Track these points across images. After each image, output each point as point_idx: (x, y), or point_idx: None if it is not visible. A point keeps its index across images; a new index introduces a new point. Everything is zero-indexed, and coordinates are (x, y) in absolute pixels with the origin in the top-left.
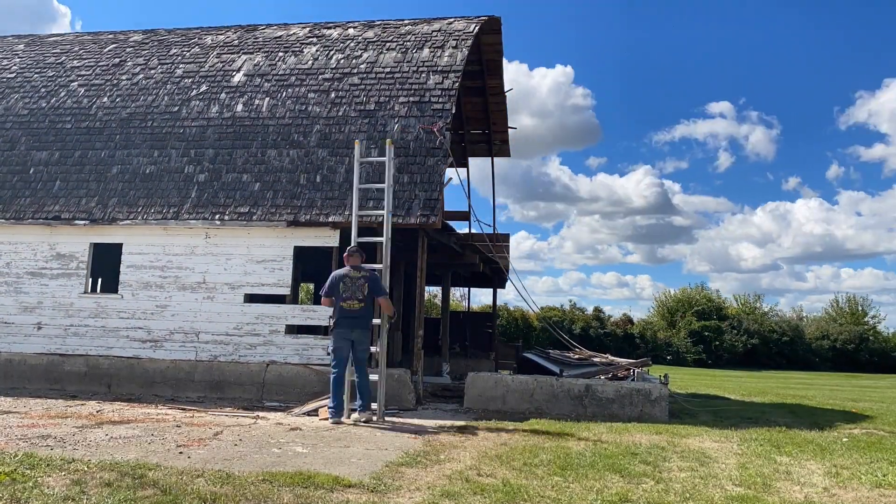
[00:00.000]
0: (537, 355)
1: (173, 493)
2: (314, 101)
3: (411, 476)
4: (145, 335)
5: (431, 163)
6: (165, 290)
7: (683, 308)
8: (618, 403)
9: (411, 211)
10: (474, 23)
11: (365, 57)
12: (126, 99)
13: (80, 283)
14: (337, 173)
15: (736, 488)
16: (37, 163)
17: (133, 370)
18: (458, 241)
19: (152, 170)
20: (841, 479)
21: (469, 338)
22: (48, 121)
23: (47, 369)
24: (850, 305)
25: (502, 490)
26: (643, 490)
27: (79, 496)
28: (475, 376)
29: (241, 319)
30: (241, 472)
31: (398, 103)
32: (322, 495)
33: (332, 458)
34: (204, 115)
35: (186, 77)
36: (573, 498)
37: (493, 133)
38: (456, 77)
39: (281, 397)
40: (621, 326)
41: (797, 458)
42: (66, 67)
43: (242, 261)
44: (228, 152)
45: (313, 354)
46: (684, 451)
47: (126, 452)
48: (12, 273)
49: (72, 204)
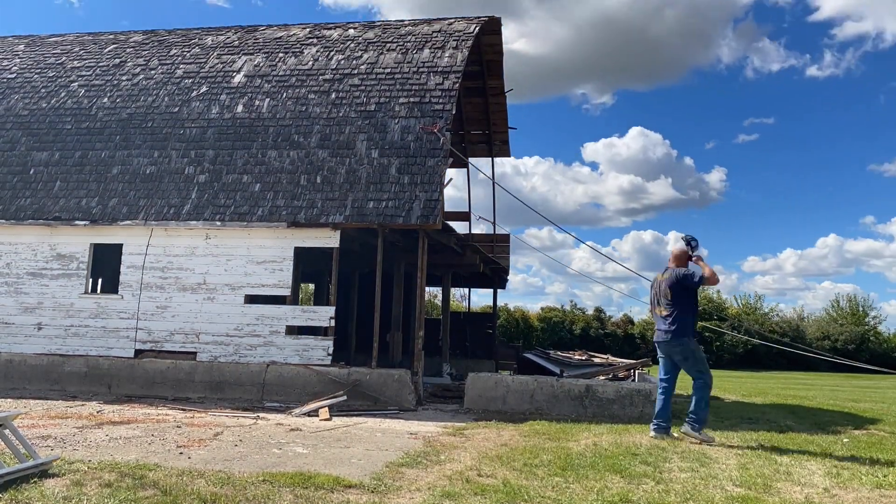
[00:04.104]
0: (538, 356)
1: (173, 494)
2: (314, 102)
3: (412, 476)
4: (146, 336)
5: (432, 163)
6: (166, 291)
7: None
8: (618, 404)
9: (412, 212)
10: (474, 23)
11: (365, 58)
12: (126, 99)
13: (81, 284)
14: (337, 174)
15: (736, 489)
16: (37, 163)
17: (133, 370)
18: (459, 241)
19: (152, 170)
20: (841, 480)
21: (469, 338)
22: (48, 121)
23: (47, 370)
24: (851, 306)
25: (503, 491)
26: (644, 491)
27: (79, 497)
28: (475, 377)
29: (242, 320)
30: (241, 472)
31: (398, 104)
32: (322, 496)
33: (332, 459)
34: (204, 116)
35: (187, 78)
36: (574, 498)
37: (493, 133)
38: (456, 78)
39: (281, 398)
40: (622, 327)
41: (798, 459)
42: (66, 68)
43: (243, 261)
44: (229, 153)
45: (313, 355)
46: (685, 451)
47: (126, 453)
48: (12, 273)
49: (72, 204)
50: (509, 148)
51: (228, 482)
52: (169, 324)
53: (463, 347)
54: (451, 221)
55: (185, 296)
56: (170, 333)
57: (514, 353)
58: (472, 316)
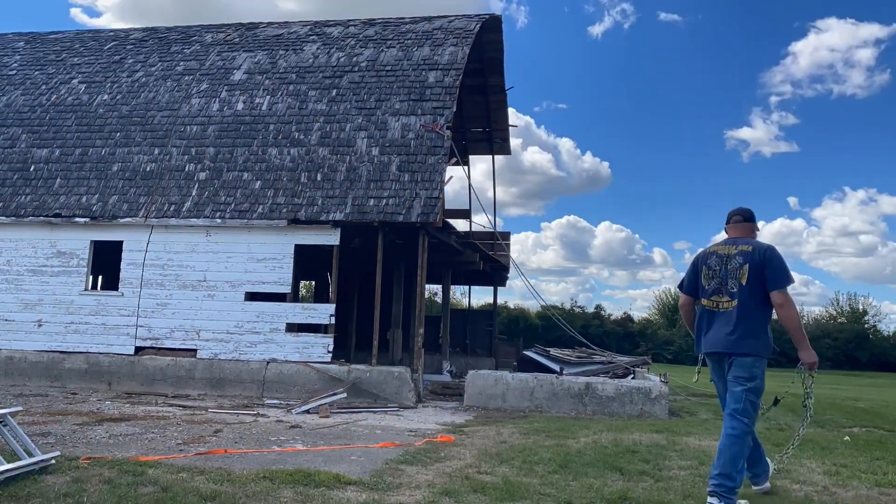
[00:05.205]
0: (537, 353)
1: (173, 491)
2: (315, 99)
3: (411, 474)
4: (146, 333)
5: (432, 161)
6: (166, 288)
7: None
8: (618, 401)
9: (412, 209)
10: (475, 21)
11: (366, 55)
12: (126, 96)
13: (81, 281)
14: (338, 171)
15: None
16: (37, 160)
17: (133, 367)
18: (459, 239)
19: (153, 167)
20: (841, 478)
21: (469, 336)
22: (49, 118)
23: (48, 367)
24: (850, 304)
25: (502, 488)
26: (643, 488)
27: (79, 494)
28: (475, 374)
29: (242, 317)
30: (241, 469)
31: (399, 101)
32: (322, 493)
33: (332, 456)
34: (205, 113)
35: (187, 74)
36: (573, 496)
37: (493, 131)
38: (456, 75)
39: (281, 395)
40: (621, 325)
41: (797, 457)
42: (66, 64)
43: (243, 259)
44: (229, 150)
45: (313, 352)
46: (684, 449)
47: (126, 450)
48: (13, 270)
49: (72, 201)
50: (510, 145)
51: (228, 479)
52: (169, 321)
53: (463, 345)
54: (452, 219)
55: (185, 293)
56: (170, 330)
57: (514, 350)
58: (472, 313)
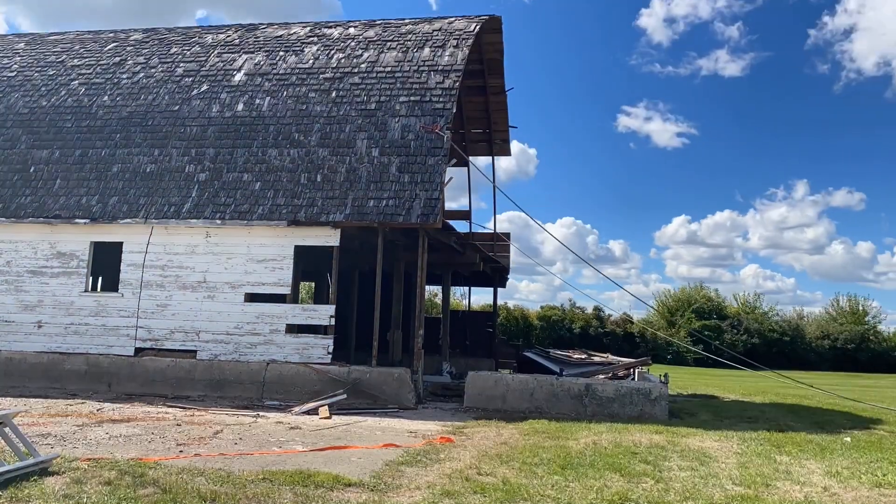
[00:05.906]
0: (537, 354)
1: (173, 492)
2: (315, 101)
3: (411, 475)
4: (146, 334)
5: (432, 162)
6: (166, 290)
7: (683, 307)
8: (618, 403)
9: (412, 211)
10: (475, 22)
11: (366, 56)
12: (127, 98)
13: (81, 282)
14: (338, 173)
15: (736, 487)
16: (37, 161)
17: (133, 369)
18: (459, 240)
19: (153, 169)
20: (841, 479)
21: (469, 337)
22: (49, 119)
23: (48, 368)
24: (851, 305)
25: (502, 489)
26: (643, 489)
27: (79, 494)
28: (475, 375)
29: (242, 319)
30: (241, 470)
31: (399, 102)
32: (322, 494)
33: (332, 457)
34: (205, 115)
35: (187, 76)
36: (573, 497)
37: (493, 132)
38: (457, 76)
39: (281, 396)
40: (621, 326)
41: (797, 458)
42: (66, 66)
43: (243, 260)
44: (229, 151)
45: (313, 353)
46: (684, 450)
47: (126, 451)
48: (13, 272)
49: (72, 202)
50: (510, 146)
51: (228, 480)
52: (169, 322)
53: (463, 346)
54: (452, 220)
55: (185, 294)
56: (170, 332)
57: (514, 351)
58: (471, 315)
